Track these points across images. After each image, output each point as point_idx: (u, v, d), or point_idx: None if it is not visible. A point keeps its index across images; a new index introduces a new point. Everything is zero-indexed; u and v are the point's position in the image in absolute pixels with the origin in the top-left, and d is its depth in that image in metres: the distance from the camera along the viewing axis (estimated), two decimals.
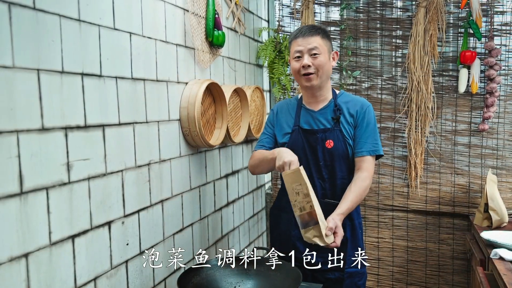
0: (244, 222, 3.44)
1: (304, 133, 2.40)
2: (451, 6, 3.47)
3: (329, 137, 2.37)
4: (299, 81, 2.40)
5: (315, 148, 2.38)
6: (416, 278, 3.72)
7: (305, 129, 2.41)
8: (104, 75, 1.83)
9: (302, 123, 2.44)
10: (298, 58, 2.35)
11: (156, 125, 2.21)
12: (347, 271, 2.39)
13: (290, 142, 2.41)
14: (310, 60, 2.31)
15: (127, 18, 1.98)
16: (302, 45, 2.33)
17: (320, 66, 2.32)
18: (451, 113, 3.53)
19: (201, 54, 2.58)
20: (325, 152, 2.37)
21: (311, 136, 2.39)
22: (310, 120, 2.43)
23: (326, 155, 2.37)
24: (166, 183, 2.31)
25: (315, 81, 2.34)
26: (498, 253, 2.47)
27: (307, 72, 2.32)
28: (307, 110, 2.45)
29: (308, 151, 2.39)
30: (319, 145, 2.37)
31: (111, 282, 1.89)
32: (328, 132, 2.38)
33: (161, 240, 2.28)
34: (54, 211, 1.58)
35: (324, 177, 2.39)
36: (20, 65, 1.44)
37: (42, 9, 1.52)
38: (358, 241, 2.46)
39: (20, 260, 1.45)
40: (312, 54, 2.31)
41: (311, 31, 2.35)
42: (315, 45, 2.31)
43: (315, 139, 2.38)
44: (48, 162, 1.55)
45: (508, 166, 3.44)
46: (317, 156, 2.38)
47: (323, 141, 2.37)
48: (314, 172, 2.39)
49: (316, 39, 2.33)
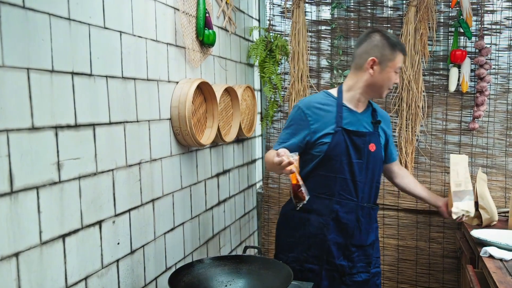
0: (235, 221, 3.44)
1: (349, 134, 2.38)
2: (442, 5, 3.49)
3: (372, 141, 2.43)
4: (380, 90, 2.45)
5: (361, 150, 2.40)
6: (407, 276, 3.74)
7: (352, 131, 2.39)
8: (95, 74, 1.83)
9: (345, 124, 2.40)
10: (396, 73, 2.43)
11: (147, 124, 2.21)
12: (372, 272, 2.50)
13: (332, 144, 2.36)
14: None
15: (118, 17, 1.98)
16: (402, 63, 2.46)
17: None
18: (441, 112, 3.55)
19: (192, 53, 2.58)
20: (369, 155, 2.41)
21: (359, 138, 2.40)
22: (354, 121, 2.43)
23: (369, 158, 2.42)
24: (157, 183, 2.31)
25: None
26: (488, 251, 2.48)
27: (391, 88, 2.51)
28: (350, 111, 2.44)
29: (353, 152, 2.38)
30: (366, 147, 2.40)
31: (102, 281, 1.89)
32: (371, 135, 2.43)
33: (152, 240, 2.28)
34: (44, 211, 1.57)
35: (366, 180, 2.43)
36: (10, 64, 1.43)
37: (32, 8, 1.52)
38: (378, 241, 2.59)
39: (11, 259, 1.44)
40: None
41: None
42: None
43: (363, 141, 2.40)
44: (39, 161, 1.55)
45: (498, 164, 3.46)
46: (362, 159, 2.40)
47: (368, 144, 2.41)
48: (358, 175, 2.40)
49: None
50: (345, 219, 2.41)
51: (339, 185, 2.39)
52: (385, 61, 2.37)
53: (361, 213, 2.42)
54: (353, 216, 2.42)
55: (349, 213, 2.41)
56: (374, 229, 2.52)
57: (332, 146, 2.36)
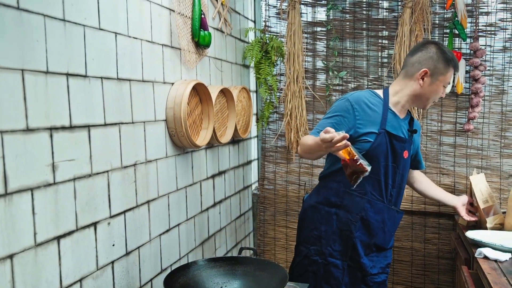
0: (231, 222, 3.44)
1: (391, 138, 2.41)
2: (437, 6, 3.50)
3: (406, 148, 2.48)
4: (427, 101, 2.51)
5: (398, 155, 2.44)
6: (402, 277, 3.74)
7: (394, 135, 2.41)
8: (90, 76, 1.82)
9: (388, 126, 2.42)
10: (444, 87, 2.48)
11: (142, 125, 2.21)
12: (386, 271, 2.57)
13: (374, 143, 2.38)
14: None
15: (113, 18, 1.97)
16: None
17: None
18: (436, 113, 3.55)
19: (187, 55, 2.57)
20: (402, 161, 2.46)
21: (399, 143, 2.43)
22: (395, 125, 2.46)
23: (402, 164, 2.47)
24: (152, 184, 2.31)
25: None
26: (483, 252, 2.49)
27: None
28: (394, 115, 2.48)
29: (391, 156, 2.43)
30: (401, 153, 2.45)
31: (97, 283, 1.88)
32: (407, 143, 2.48)
33: (148, 241, 2.27)
34: (39, 212, 1.57)
35: (395, 184, 2.47)
36: (4, 65, 1.43)
37: (26, 9, 1.51)
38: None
39: (5, 261, 1.44)
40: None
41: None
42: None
43: (401, 147, 2.45)
44: (33, 162, 1.54)
45: (492, 166, 3.47)
46: (398, 163, 2.45)
47: (403, 150, 2.46)
48: (390, 178, 2.45)
49: None
50: (373, 219, 2.46)
51: (372, 185, 2.44)
52: (437, 75, 2.42)
53: (387, 215, 2.49)
54: (380, 217, 2.47)
55: (377, 214, 2.46)
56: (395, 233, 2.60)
57: (375, 146, 2.38)
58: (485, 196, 2.98)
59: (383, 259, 2.51)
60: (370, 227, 2.46)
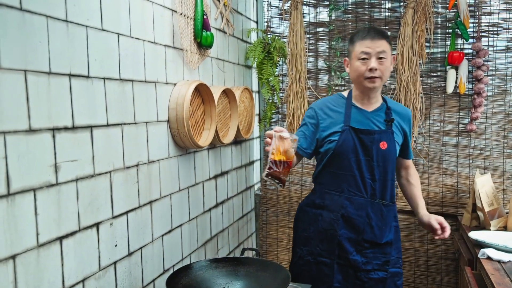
0: (233, 223, 3.44)
1: (357, 133, 2.42)
2: (439, 7, 3.49)
3: (383, 139, 2.43)
4: (360, 82, 2.43)
5: (369, 148, 2.42)
6: (405, 278, 3.73)
7: (359, 129, 2.43)
8: (92, 76, 1.82)
9: (353, 122, 2.45)
10: (363, 60, 2.37)
11: (144, 126, 2.21)
12: (391, 271, 2.49)
13: (339, 141, 2.41)
14: (377, 63, 2.35)
15: (115, 19, 1.97)
16: (371, 47, 2.36)
17: (385, 70, 2.39)
18: (439, 113, 3.55)
19: (190, 55, 2.57)
20: (379, 153, 2.42)
21: (367, 136, 2.42)
22: (363, 120, 2.46)
23: (379, 156, 2.43)
24: (154, 184, 2.31)
25: (378, 83, 2.40)
26: (486, 253, 2.49)
27: (372, 76, 2.36)
28: (359, 110, 2.49)
29: (361, 150, 2.42)
30: (374, 146, 2.42)
31: (99, 283, 1.88)
32: (382, 133, 2.44)
33: (150, 241, 2.27)
34: (41, 213, 1.57)
35: (375, 178, 2.44)
36: (7, 66, 1.43)
37: (29, 10, 1.51)
38: (399, 242, 2.59)
39: (8, 261, 1.44)
40: (379, 58, 2.36)
41: (379, 34, 2.40)
42: (383, 49, 2.37)
43: (370, 139, 2.42)
44: (36, 163, 1.55)
45: (495, 166, 3.46)
46: (371, 156, 2.42)
47: (378, 142, 2.42)
48: (366, 172, 2.43)
49: (383, 43, 2.38)
50: (354, 215, 2.45)
51: (348, 181, 2.44)
52: (350, 55, 2.46)
53: (371, 210, 2.45)
54: (363, 212, 2.45)
55: (359, 209, 2.44)
56: (391, 227, 2.52)
57: (340, 144, 2.40)
58: (491, 199, 2.97)
59: (381, 255, 2.47)
60: (353, 224, 2.45)
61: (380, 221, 2.47)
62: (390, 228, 2.52)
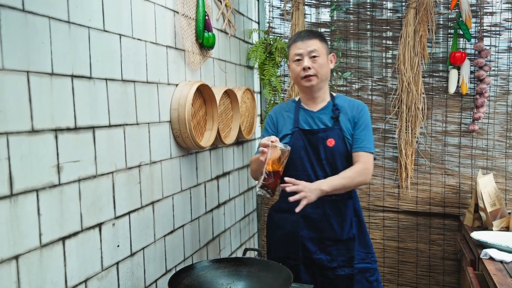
0: (235, 223, 3.44)
1: (305, 133, 2.46)
2: (441, 7, 3.49)
3: (330, 136, 2.44)
4: (299, 84, 2.48)
5: (317, 147, 2.44)
6: (407, 278, 3.74)
7: (306, 130, 2.46)
8: (94, 77, 1.83)
9: (302, 123, 2.49)
10: (298, 61, 2.43)
11: (146, 126, 2.21)
12: (357, 267, 2.47)
13: (290, 143, 2.43)
14: (310, 62, 2.39)
15: (117, 20, 1.98)
16: (302, 48, 2.41)
17: (320, 67, 2.41)
18: (441, 114, 3.55)
19: (191, 56, 2.58)
20: (326, 150, 2.43)
21: (312, 135, 2.45)
22: (309, 120, 2.49)
23: (328, 154, 2.43)
24: (157, 185, 2.31)
25: (315, 81, 2.42)
26: (488, 253, 2.48)
27: (307, 75, 2.40)
28: (306, 111, 2.52)
29: (310, 150, 2.44)
30: (320, 144, 2.43)
31: (102, 283, 1.89)
32: (328, 131, 2.44)
33: (152, 242, 2.28)
34: (44, 213, 1.57)
35: (328, 175, 2.41)
36: (10, 67, 1.44)
37: (32, 11, 1.52)
38: (366, 236, 2.55)
39: (11, 262, 1.44)
40: (312, 57, 2.40)
41: (310, 34, 2.45)
42: (314, 47, 2.41)
43: (316, 138, 2.44)
44: (38, 164, 1.55)
45: (498, 166, 3.46)
46: (319, 155, 2.44)
47: (324, 140, 2.43)
48: (318, 171, 2.44)
49: (315, 42, 2.43)
50: (313, 214, 2.46)
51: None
52: (289, 60, 2.51)
53: (328, 206, 2.45)
54: (320, 211, 2.46)
55: (316, 208, 2.44)
56: (352, 222, 2.49)
57: (291, 145, 2.37)
58: (493, 199, 2.97)
59: (346, 251, 2.45)
60: (313, 223, 2.47)
61: (338, 218, 2.46)
62: (351, 223, 2.49)
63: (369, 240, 2.57)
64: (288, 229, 2.54)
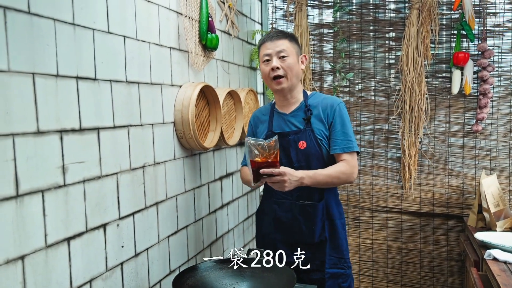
0: (239, 224, 3.45)
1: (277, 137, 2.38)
2: (444, 7, 3.50)
3: (301, 138, 2.39)
4: (270, 85, 2.45)
5: (287, 150, 2.40)
6: (411, 279, 3.74)
7: (278, 133, 2.40)
8: (99, 79, 1.84)
9: (275, 127, 2.48)
10: (267, 61, 2.40)
11: (150, 128, 2.22)
12: (329, 272, 2.42)
13: None
14: (278, 62, 2.36)
15: (121, 22, 1.99)
16: (271, 48, 2.38)
17: (289, 68, 2.36)
18: (444, 114, 3.55)
19: (195, 57, 2.59)
20: (298, 153, 2.39)
21: (283, 138, 2.40)
22: (281, 123, 2.47)
23: (299, 156, 2.39)
24: (160, 186, 2.32)
25: (285, 83, 2.38)
26: (492, 254, 2.48)
27: (276, 75, 2.36)
28: (279, 114, 2.50)
29: (282, 154, 2.38)
30: (291, 147, 2.39)
31: (106, 284, 1.89)
32: (300, 133, 2.40)
33: (156, 242, 2.29)
34: (49, 214, 1.58)
35: None
36: (16, 69, 1.45)
37: (37, 13, 1.53)
38: (339, 241, 2.46)
39: (16, 262, 1.45)
40: (281, 57, 2.36)
41: (279, 34, 2.42)
42: (283, 47, 2.37)
43: (287, 141, 2.40)
44: (44, 165, 1.56)
45: (501, 167, 3.46)
46: (290, 158, 2.39)
47: (296, 143, 2.39)
48: None
49: (284, 42, 2.39)
50: (284, 218, 2.46)
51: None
52: (259, 59, 2.48)
53: (298, 211, 2.42)
54: (290, 215, 2.44)
55: (286, 212, 2.44)
56: (324, 226, 2.42)
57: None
58: (497, 200, 2.97)
59: (319, 255, 2.40)
60: (284, 226, 2.45)
61: (308, 222, 2.41)
62: (322, 226, 2.42)
63: (343, 245, 2.48)
64: (264, 231, 2.56)
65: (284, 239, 2.46)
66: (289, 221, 2.44)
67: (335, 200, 2.49)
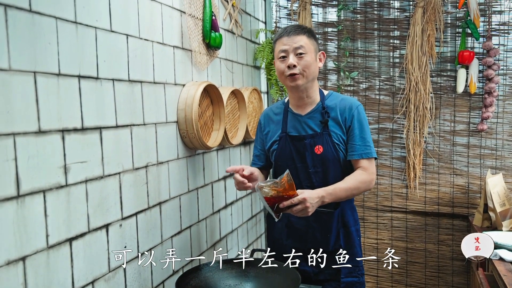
0: (243, 224, 3.43)
1: (292, 140, 2.33)
2: (449, 6, 3.47)
3: (318, 143, 2.28)
4: (284, 83, 2.31)
5: (303, 155, 2.30)
6: (416, 279, 3.72)
7: (293, 136, 2.33)
8: (101, 78, 1.82)
9: (290, 129, 2.36)
10: (283, 58, 2.25)
11: (153, 127, 2.21)
12: (344, 281, 2.32)
13: (278, 150, 2.35)
14: (295, 60, 2.22)
15: (124, 20, 1.97)
16: (288, 44, 2.23)
17: (306, 66, 2.23)
18: (449, 113, 3.53)
19: (198, 56, 2.57)
20: (314, 158, 2.29)
21: (299, 142, 2.31)
22: (297, 125, 2.35)
23: (315, 161, 2.29)
24: (164, 186, 2.31)
25: (301, 81, 2.25)
26: (498, 254, 2.47)
27: (292, 73, 2.22)
28: (294, 115, 2.38)
29: (297, 158, 2.31)
30: (307, 152, 2.29)
31: (109, 285, 1.88)
32: (316, 137, 2.29)
33: (159, 243, 2.27)
34: (51, 214, 1.57)
35: (314, 184, 2.28)
36: (17, 68, 1.43)
37: (38, 12, 1.52)
38: (354, 248, 2.37)
39: (18, 263, 1.44)
40: (298, 54, 2.22)
41: (297, 30, 2.26)
42: (301, 44, 2.22)
43: (303, 145, 2.30)
44: (45, 164, 1.55)
45: (507, 166, 3.44)
46: (306, 163, 2.30)
47: (312, 147, 2.28)
48: (303, 180, 2.31)
49: (302, 38, 2.24)
50: (297, 224, 2.37)
51: None
52: (274, 55, 2.33)
53: (313, 219, 2.29)
54: (304, 221, 2.34)
55: (300, 219, 2.31)
56: (338, 234, 2.34)
57: (279, 153, 2.34)
58: (502, 199, 2.95)
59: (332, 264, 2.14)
60: (297, 233, 2.36)
61: (323, 229, 2.33)
62: (337, 235, 2.34)
63: (359, 252, 2.40)
64: (275, 236, 2.48)
65: (296, 245, 2.29)
66: (303, 227, 2.36)
67: (350, 206, 2.40)
